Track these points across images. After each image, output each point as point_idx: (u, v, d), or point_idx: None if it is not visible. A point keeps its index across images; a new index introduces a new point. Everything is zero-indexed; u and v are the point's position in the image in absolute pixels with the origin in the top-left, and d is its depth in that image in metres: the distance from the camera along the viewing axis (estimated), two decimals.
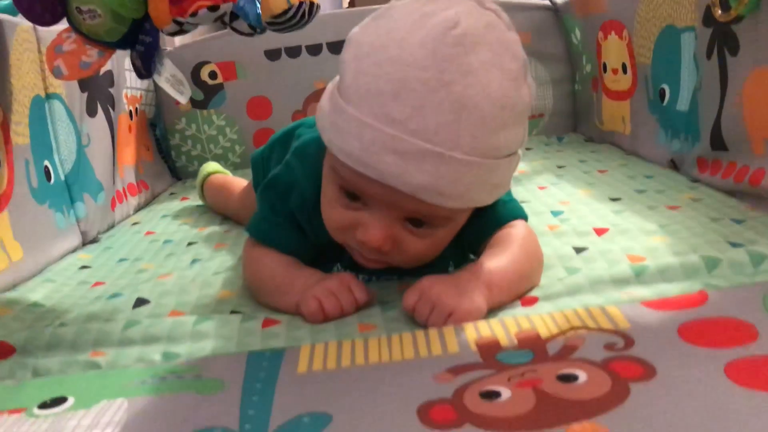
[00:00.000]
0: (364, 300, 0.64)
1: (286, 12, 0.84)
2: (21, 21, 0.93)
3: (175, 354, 0.59)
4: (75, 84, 1.08)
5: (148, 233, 1.07)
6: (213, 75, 1.48)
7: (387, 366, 0.52)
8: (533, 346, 0.52)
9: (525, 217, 0.72)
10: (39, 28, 0.98)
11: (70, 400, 0.51)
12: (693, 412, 0.41)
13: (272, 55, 1.47)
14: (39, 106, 0.96)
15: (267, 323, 0.62)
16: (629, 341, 0.51)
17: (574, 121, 1.57)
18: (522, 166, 1.21)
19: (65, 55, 0.90)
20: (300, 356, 0.55)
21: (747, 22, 0.83)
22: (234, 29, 0.92)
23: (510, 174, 0.63)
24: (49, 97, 1.00)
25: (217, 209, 1.15)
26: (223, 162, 1.48)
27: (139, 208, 1.27)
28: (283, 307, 0.66)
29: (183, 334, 0.61)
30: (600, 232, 0.79)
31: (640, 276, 0.63)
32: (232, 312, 0.68)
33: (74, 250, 1.00)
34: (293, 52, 1.47)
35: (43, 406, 0.51)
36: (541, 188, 1.05)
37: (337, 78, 0.63)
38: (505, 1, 1.39)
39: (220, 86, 1.48)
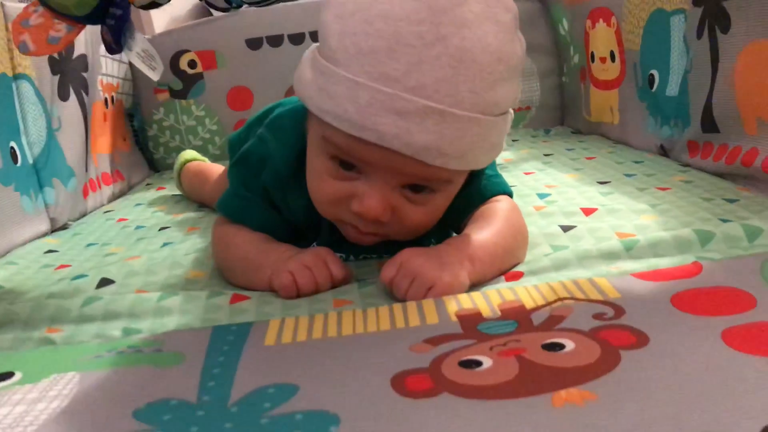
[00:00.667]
0: (341, 276, 0.61)
1: None
2: None
3: (136, 330, 0.55)
4: (46, 66, 1.04)
5: (121, 220, 1.03)
6: (192, 64, 1.44)
7: (361, 337, 0.48)
8: (517, 316, 0.49)
9: (510, 193, 0.69)
10: (6, 3, 0.94)
11: (17, 375, 0.48)
12: (690, 378, 0.38)
13: (253, 44, 1.43)
14: (5, 85, 0.92)
15: (235, 299, 0.58)
16: (619, 311, 0.48)
17: (561, 114, 1.54)
18: (508, 155, 1.19)
19: (32, 29, 0.87)
20: (268, 330, 0.51)
21: None
22: (209, 4, 0.88)
23: (504, 134, 0.60)
24: (17, 77, 0.96)
25: (194, 197, 1.11)
26: (203, 153, 1.43)
27: (113, 198, 1.23)
28: (255, 283, 0.63)
29: (145, 310, 0.58)
30: (588, 212, 0.76)
31: (630, 251, 0.60)
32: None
33: (42, 236, 0.95)
34: (275, 41, 1.44)
35: None
36: (527, 174, 1.02)
37: (314, 45, 0.60)
38: None
39: (200, 75, 1.44)
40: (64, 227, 1.01)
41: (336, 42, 0.55)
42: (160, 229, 0.93)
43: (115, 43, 0.85)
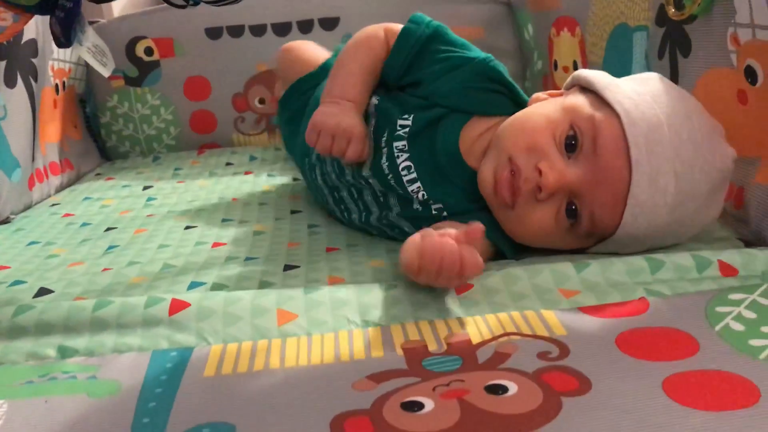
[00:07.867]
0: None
1: None
2: None
3: (72, 349, 0.53)
4: None
5: (66, 215, 0.99)
6: (149, 51, 1.40)
7: (303, 370, 0.47)
8: (462, 352, 0.48)
9: None
10: None
11: None
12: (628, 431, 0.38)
13: (213, 33, 1.40)
14: None
15: (174, 308, 0.56)
16: (564, 350, 0.48)
17: None
18: None
19: None
20: (209, 358, 0.50)
21: (699, 22, 0.81)
22: (166, 1, 0.86)
23: None
24: None
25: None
26: (157, 143, 1.41)
27: (61, 189, 1.19)
28: None
29: (81, 323, 0.55)
30: None
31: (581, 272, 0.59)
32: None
33: None
34: (236, 31, 1.40)
35: None
36: None
37: None
38: None
39: (156, 63, 1.40)
40: (6, 221, 0.97)
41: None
42: (106, 230, 0.90)
43: (65, 36, 0.82)
